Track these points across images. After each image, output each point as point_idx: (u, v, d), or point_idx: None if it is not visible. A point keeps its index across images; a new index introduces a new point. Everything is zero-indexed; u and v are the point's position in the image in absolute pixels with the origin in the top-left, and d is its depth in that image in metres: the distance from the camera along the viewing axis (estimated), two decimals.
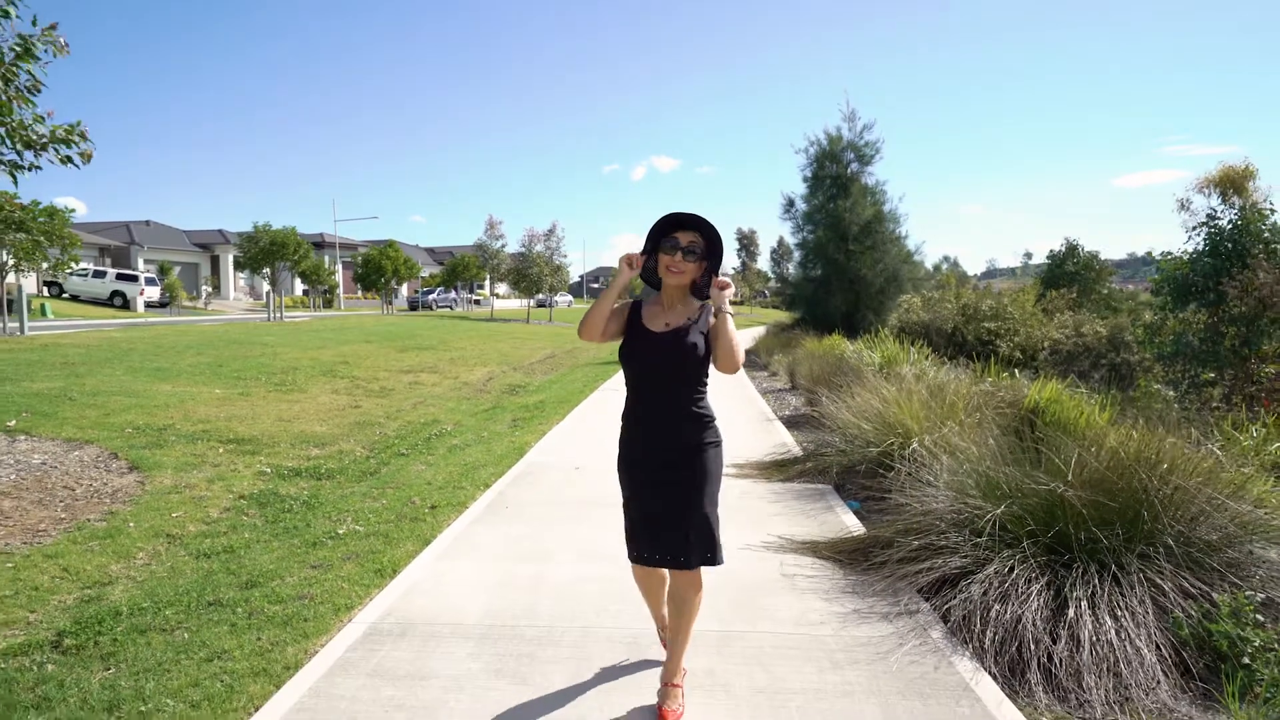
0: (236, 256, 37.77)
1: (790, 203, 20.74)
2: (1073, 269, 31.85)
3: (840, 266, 18.89)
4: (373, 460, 6.48)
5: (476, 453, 6.74)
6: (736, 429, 7.58)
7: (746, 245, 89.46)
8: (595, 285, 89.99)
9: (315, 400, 9.10)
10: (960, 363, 10.82)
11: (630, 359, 2.48)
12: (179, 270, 37.94)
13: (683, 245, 2.40)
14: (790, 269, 28.89)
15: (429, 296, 45.18)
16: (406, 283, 45.34)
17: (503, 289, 44.68)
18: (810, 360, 11.02)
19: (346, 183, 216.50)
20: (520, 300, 44.20)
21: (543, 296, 38.52)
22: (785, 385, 12.19)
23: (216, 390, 9.01)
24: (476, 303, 52.26)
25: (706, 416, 2.46)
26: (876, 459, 5.36)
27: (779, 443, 7.05)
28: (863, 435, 5.67)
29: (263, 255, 32.26)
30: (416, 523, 4.63)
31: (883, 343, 11.76)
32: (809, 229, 20.16)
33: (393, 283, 39.67)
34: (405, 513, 4.85)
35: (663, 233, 2.44)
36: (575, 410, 9.19)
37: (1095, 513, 3.16)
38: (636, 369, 2.48)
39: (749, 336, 23.25)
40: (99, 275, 30.28)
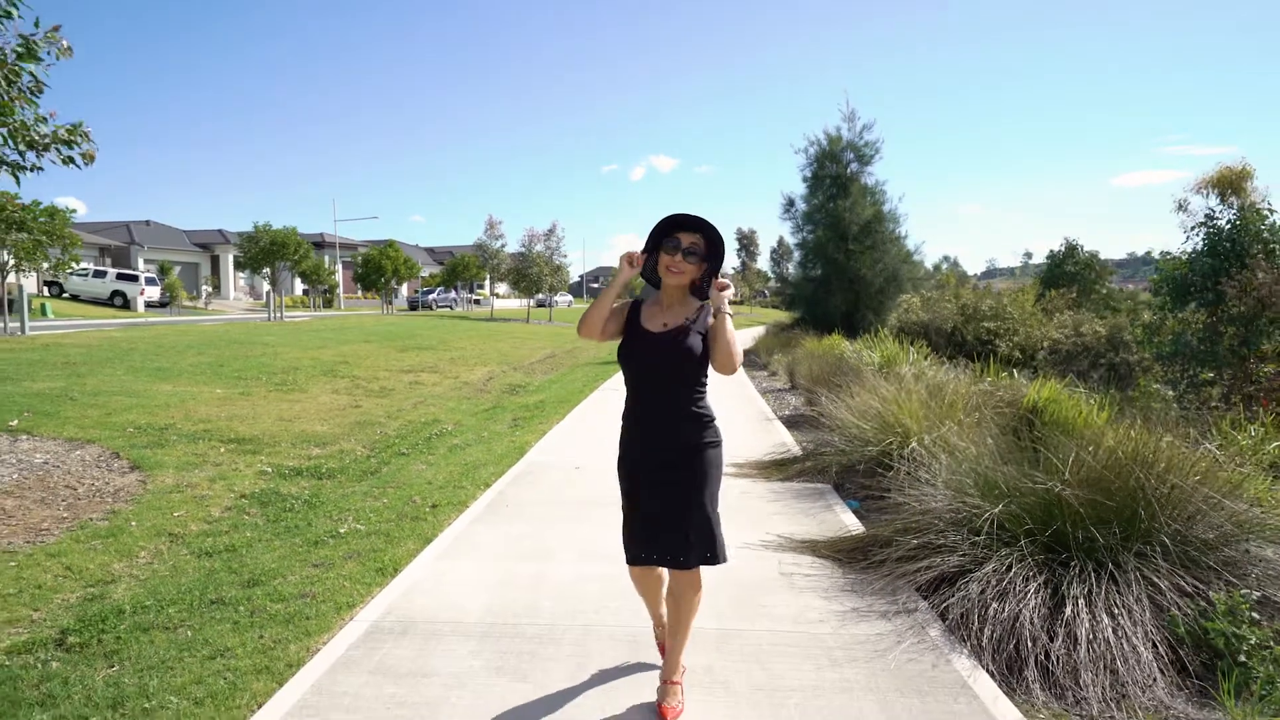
0: (237, 256, 37.79)
1: (790, 202, 20.79)
2: (1072, 269, 31.91)
3: (840, 266, 18.93)
4: (373, 460, 6.50)
5: (477, 452, 6.76)
6: (736, 428, 7.60)
7: (746, 245, 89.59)
8: (595, 285, 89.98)
9: (316, 400, 9.12)
10: (959, 362, 10.84)
11: (629, 359, 2.48)
12: (179, 270, 37.96)
13: (684, 246, 2.40)
14: (790, 269, 28.98)
15: (429, 296, 45.19)
16: (406, 283, 45.36)
17: (503, 289, 44.71)
18: (810, 360, 11.05)
19: (346, 183, 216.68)
20: (520, 300, 44.24)
21: (542, 296, 38.53)
22: (785, 385, 12.21)
23: (217, 390, 9.03)
24: (476, 302, 52.28)
25: (706, 416, 2.46)
26: (875, 458, 5.39)
27: (778, 442, 7.07)
28: (862, 435, 5.69)
29: (263, 255, 32.28)
30: (417, 522, 4.65)
31: (882, 342, 11.79)
32: (809, 229, 20.21)
33: (393, 283, 39.69)
34: (406, 512, 4.86)
35: (665, 233, 2.44)
36: (575, 410, 9.21)
37: (1093, 511, 3.18)
38: (635, 369, 2.48)
39: (749, 336, 23.28)
40: (99, 275, 30.29)
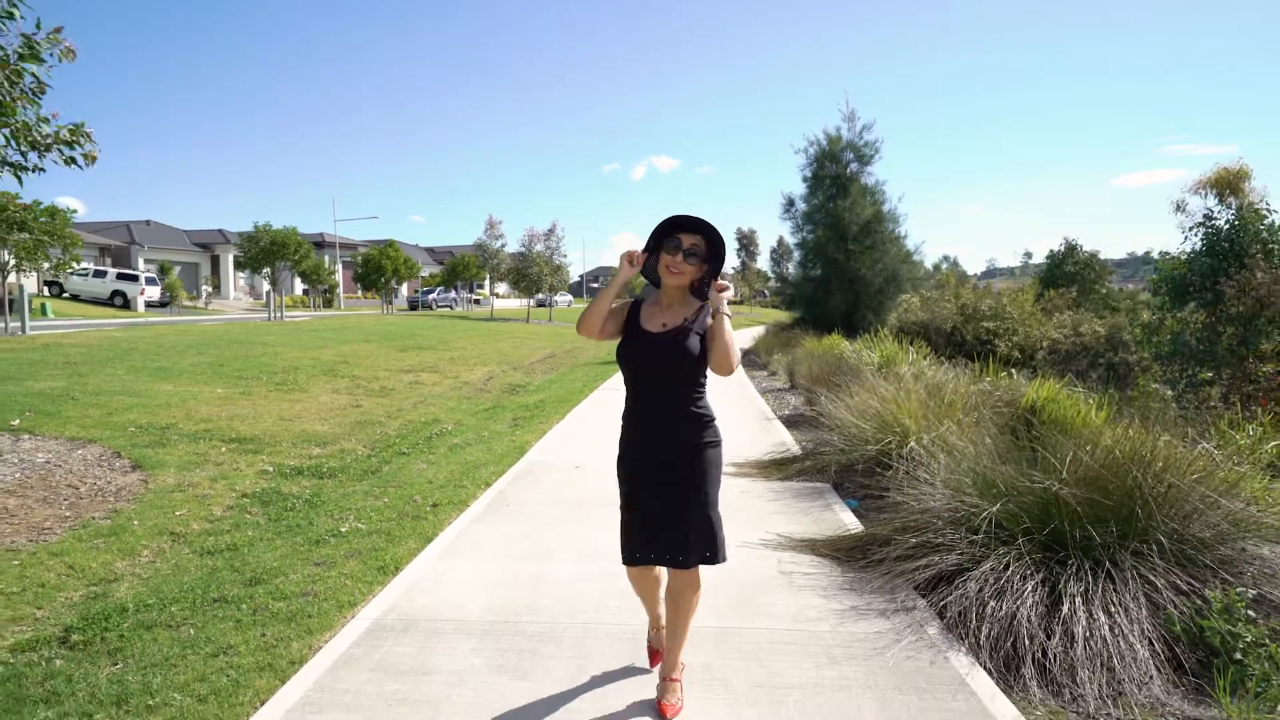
0: (237, 256, 37.81)
1: (790, 202, 20.82)
2: (1072, 269, 31.93)
3: (840, 266, 18.96)
4: (374, 459, 6.52)
5: (477, 452, 6.78)
6: (736, 428, 7.61)
7: (746, 245, 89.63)
8: (595, 285, 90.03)
9: (316, 400, 9.14)
10: (959, 362, 10.85)
11: (628, 359, 2.49)
12: (179, 270, 37.99)
13: (685, 247, 2.41)
14: (790, 269, 29.00)
15: (429, 296, 45.22)
16: (406, 282, 45.37)
17: (502, 289, 44.71)
18: (809, 360, 11.08)
19: (346, 183, 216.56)
20: (520, 300, 44.26)
21: (542, 296, 38.54)
22: (784, 385, 12.22)
23: (218, 390, 9.05)
24: (476, 302, 52.30)
25: (706, 416, 2.47)
26: (874, 458, 5.41)
27: (778, 442, 7.09)
28: (861, 434, 5.71)
29: (263, 255, 32.31)
30: (418, 521, 4.67)
31: (881, 342, 11.81)
32: (808, 229, 20.24)
33: (393, 282, 39.70)
34: (407, 511, 4.88)
35: (666, 233, 2.45)
36: (575, 410, 9.22)
37: (1090, 510, 3.20)
38: (634, 369, 2.49)
39: (748, 336, 23.30)
40: (99, 275, 30.31)
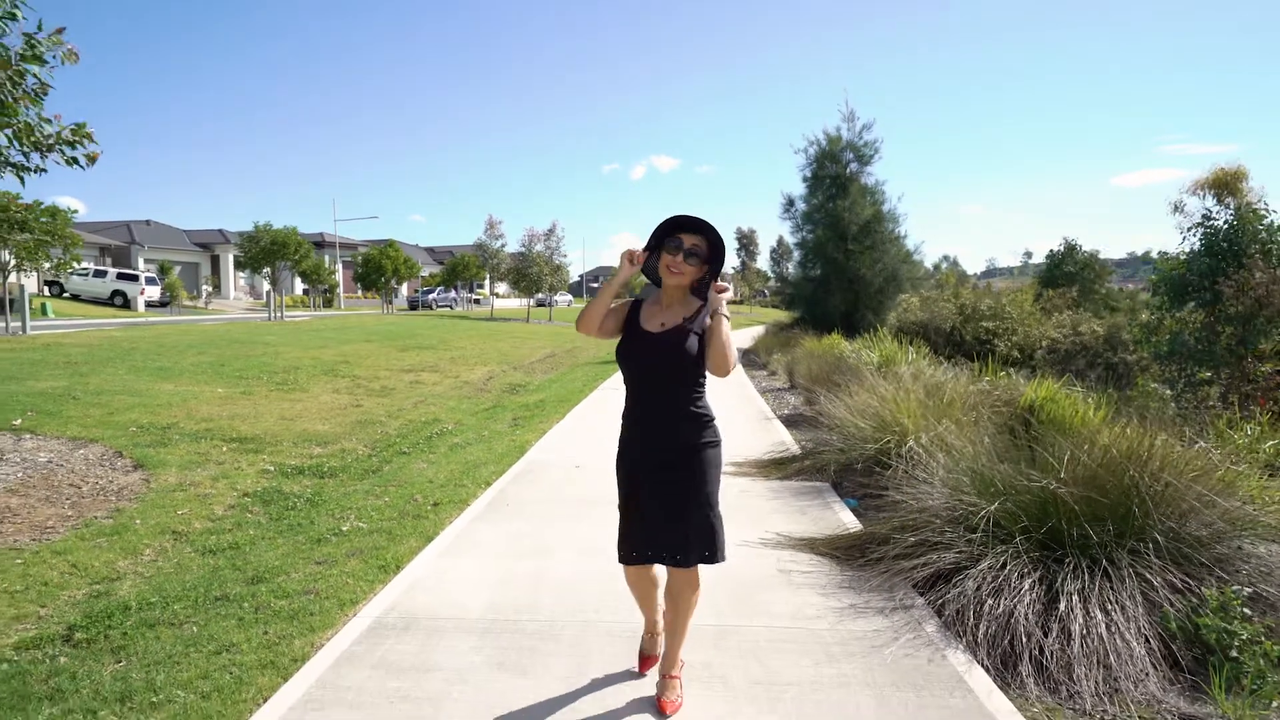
0: (237, 256, 37.83)
1: (790, 202, 20.85)
2: (1071, 268, 31.96)
3: (839, 266, 18.98)
4: (375, 458, 6.53)
5: (477, 451, 6.80)
6: (735, 428, 7.63)
7: (746, 245, 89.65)
8: (595, 285, 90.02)
9: (317, 399, 9.15)
10: (958, 362, 10.88)
11: (627, 359, 2.50)
12: (179, 270, 38.00)
13: (685, 247, 2.42)
14: (790, 268, 29.07)
15: (429, 296, 45.24)
16: (406, 282, 45.39)
17: (502, 288, 44.75)
18: (809, 359, 11.10)
19: (346, 183, 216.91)
20: (520, 300, 44.29)
21: (542, 296, 38.56)
22: (784, 384, 12.24)
23: (219, 389, 9.06)
24: (476, 302, 52.32)
25: (705, 416, 2.48)
26: (874, 457, 5.43)
27: (777, 441, 7.11)
28: (860, 433, 5.72)
29: (263, 255, 32.34)
30: (419, 520, 4.69)
31: (881, 342, 11.82)
32: (808, 229, 20.27)
33: (393, 282, 39.73)
34: (408, 510, 4.90)
35: (667, 233, 2.46)
36: (575, 409, 9.24)
37: (1087, 509, 3.22)
38: (634, 369, 2.50)
39: (748, 336, 23.32)
40: (100, 275, 30.33)
